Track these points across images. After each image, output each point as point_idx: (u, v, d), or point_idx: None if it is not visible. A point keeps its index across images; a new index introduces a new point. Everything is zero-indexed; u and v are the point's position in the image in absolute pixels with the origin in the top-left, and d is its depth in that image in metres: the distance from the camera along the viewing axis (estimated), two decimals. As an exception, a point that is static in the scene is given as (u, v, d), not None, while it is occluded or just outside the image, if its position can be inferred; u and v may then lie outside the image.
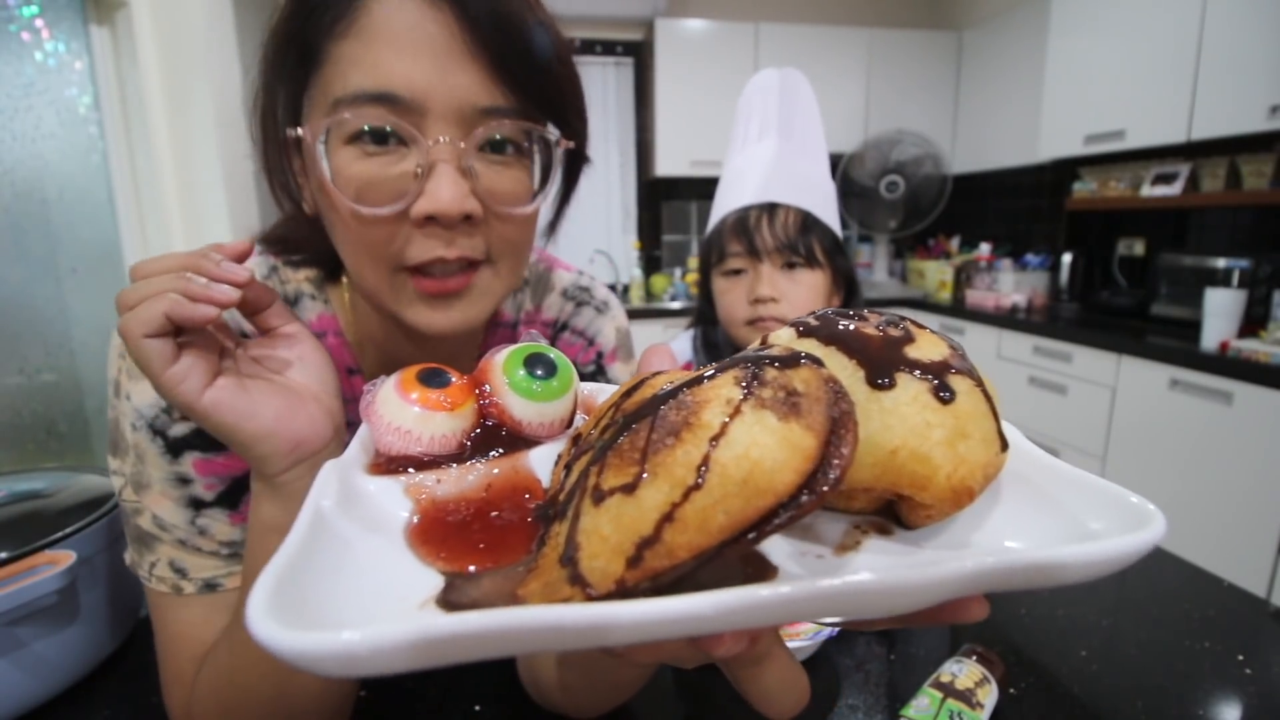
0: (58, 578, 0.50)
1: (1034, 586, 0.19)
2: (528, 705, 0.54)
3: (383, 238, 0.41)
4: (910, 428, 0.21)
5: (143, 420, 0.45)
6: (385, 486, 0.26)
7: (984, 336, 2.77)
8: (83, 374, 1.77)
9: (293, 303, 0.52)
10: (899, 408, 0.21)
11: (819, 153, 0.91)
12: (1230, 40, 2.02)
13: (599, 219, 3.62)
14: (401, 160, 0.40)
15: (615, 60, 3.48)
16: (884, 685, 0.56)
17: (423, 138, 0.39)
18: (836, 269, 0.87)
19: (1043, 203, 3.12)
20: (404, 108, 0.39)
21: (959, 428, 0.21)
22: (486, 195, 0.42)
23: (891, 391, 0.21)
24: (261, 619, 0.17)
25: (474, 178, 0.41)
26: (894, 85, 3.36)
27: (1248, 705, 0.54)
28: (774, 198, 0.84)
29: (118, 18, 1.86)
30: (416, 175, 0.40)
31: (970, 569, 0.18)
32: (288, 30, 0.41)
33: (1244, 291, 2.00)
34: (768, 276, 0.83)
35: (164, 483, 0.45)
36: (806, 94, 0.90)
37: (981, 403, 0.22)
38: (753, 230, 0.83)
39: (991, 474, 0.22)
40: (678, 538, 0.18)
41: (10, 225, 1.56)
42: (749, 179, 0.86)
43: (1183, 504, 1.98)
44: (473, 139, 0.40)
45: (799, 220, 0.83)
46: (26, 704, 0.52)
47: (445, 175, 0.39)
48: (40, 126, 1.64)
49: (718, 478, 0.18)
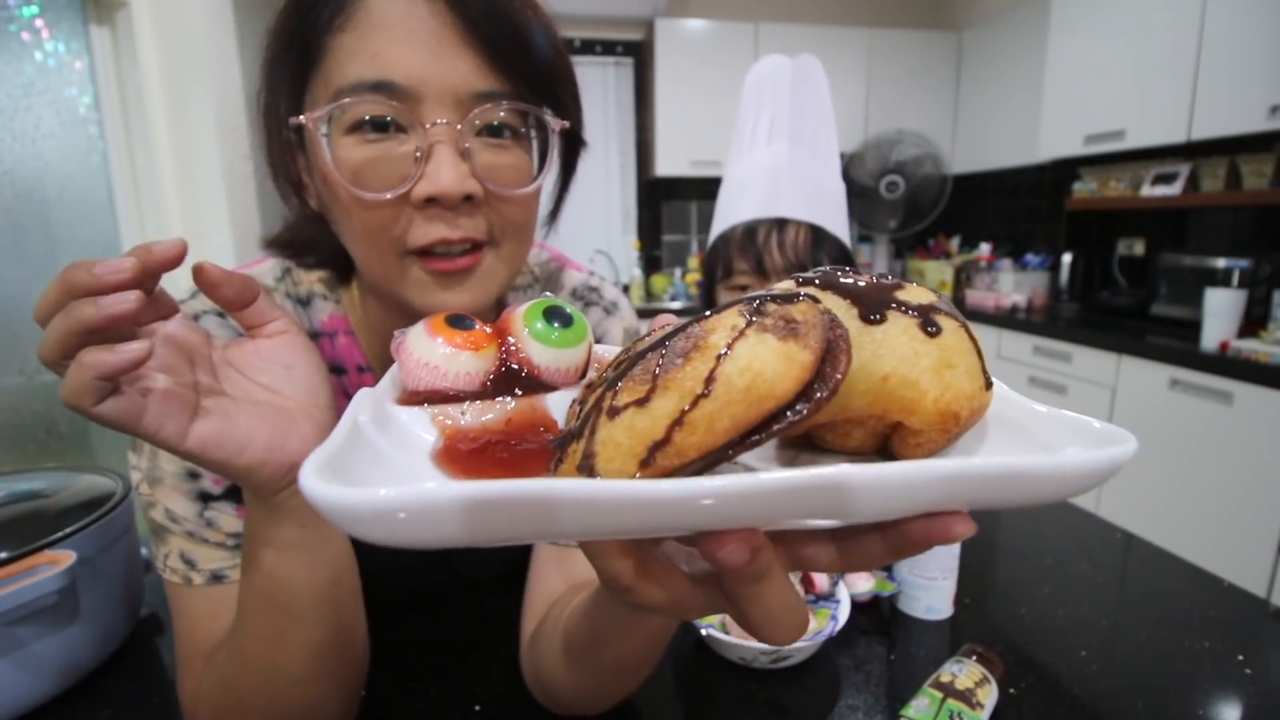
0: (58, 578, 0.50)
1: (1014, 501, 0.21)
2: (528, 705, 0.54)
3: (386, 223, 0.42)
4: (900, 356, 0.22)
5: None
6: (414, 415, 0.28)
7: (984, 336, 2.76)
8: (83, 374, 1.77)
9: (305, 303, 0.53)
10: (890, 339, 0.23)
11: (831, 152, 0.86)
12: (1230, 40, 2.02)
13: (599, 219, 3.62)
14: (401, 146, 0.41)
15: (615, 60, 3.48)
16: (884, 685, 0.56)
17: (420, 123, 0.40)
18: None
19: (1043, 203, 3.12)
20: (402, 95, 0.40)
21: (945, 358, 0.23)
22: (486, 177, 0.42)
23: (882, 325, 0.23)
24: (312, 479, 0.18)
25: (473, 160, 0.42)
26: (894, 85, 3.36)
27: (1248, 705, 0.54)
28: (784, 212, 0.80)
29: (118, 18, 1.86)
30: (416, 159, 0.40)
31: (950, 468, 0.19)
32: (287, 27, 0.42)
33: (1244, 291, 2.00)
34: None
35: (175, 477, 0.47)
36: (820, 86, 0.85)
37: (965, 340, 0.23)
38: (761, 249, 0.80)
39: (976, 407, 0.23)
40: (688, 439, 0.20)
41: (10, 225, 1.56)
42: (756, 188, 0.84)
43: (1183, 504, 1.98)
44: (470, 122, 0.41)
45: (809, 236, 0.80)
46: (26, 704, 0.52)
47: (444, 157, 0.40)
48: (40, 126, 1.64)
49: (723, 387, 0.20)
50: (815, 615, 0.58)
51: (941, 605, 0.66)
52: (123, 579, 0.61)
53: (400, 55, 0.39)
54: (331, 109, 0.40)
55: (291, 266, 0.54)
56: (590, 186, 3.59)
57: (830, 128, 0.86)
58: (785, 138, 0.84)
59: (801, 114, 0.84)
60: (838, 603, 0.60)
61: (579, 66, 0.50)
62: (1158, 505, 2.06)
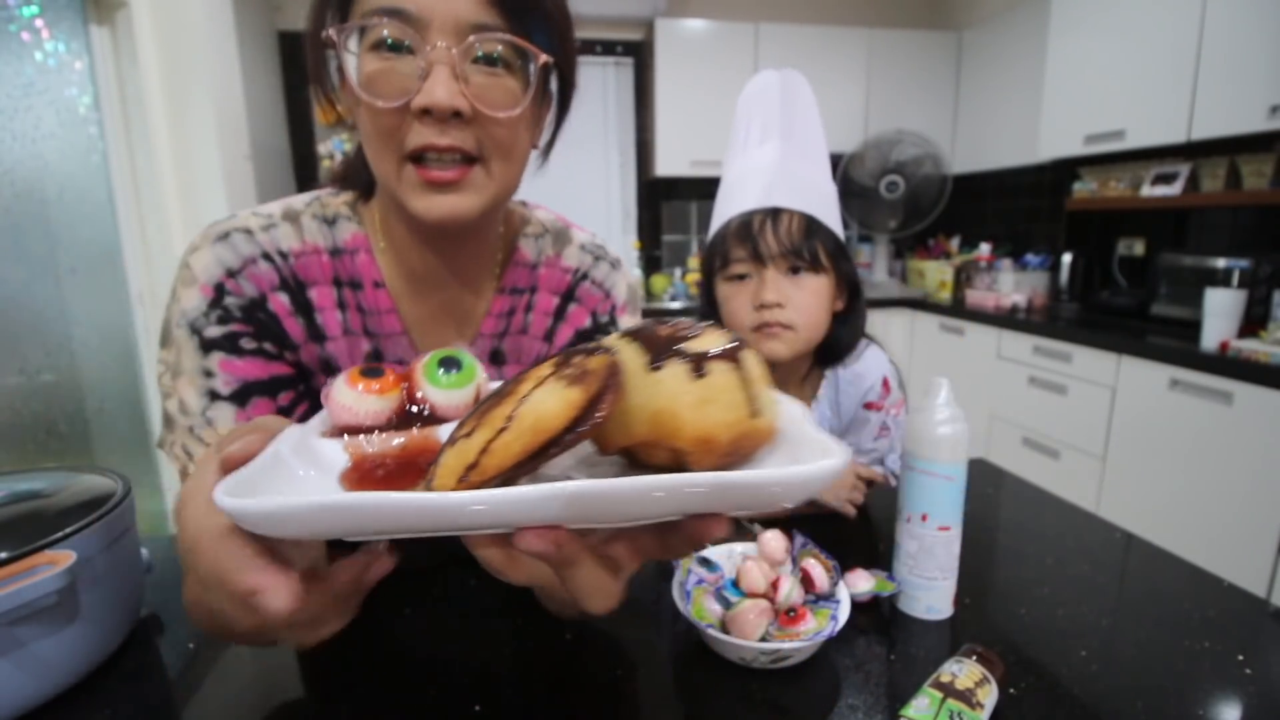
0: (58, 578, 0.50)
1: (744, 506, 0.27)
2: (528, 705, 0.54)
3: (391, 127, 0.50)
4: (669, 395, 0.28)
5: (185, 320, 0.53)
6: (330, 444, 0.36)
7: (984, 336, 2.77)
8: (83, 374, 1.77)
9: (331, 223, 0.60)
10: (664, 381, 0.29)
11: (820, 155, 0.90)
12: (1230, 40, 2.02)
13: (599, 219, 3.62)
14: (409, 64, 0.48)
15: (615, 60, 3.48)
16: (884, 685, 0.56)
17: (426, 45, 0.48)
18: (840, 272, 0.86)
19: (1043, 203, 3.12)
20: (412, 21, 0.47)
21: (706, 395, 0.28)
22: (476, 97, 0.49)
23: (660, 371, 0.29)
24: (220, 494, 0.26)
25: (466, 82, 0.49)
26: (894, 85, 3.36)
27: (1248, 705, 0.54)
28: (777, 202, 0.83)
29: (118, 18, 1.86)
30: (419, 77, 0.48)
31: (654, 482, 0.25)
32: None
33: (1244, 291, 2.00)
34: (772, 281, 0.82)
35: (193, 372, 0.53)
36: (806, 96, 0.90)
37: (733, 379, 0.29)
38: (757, 235, 0.82)
39: (738, 433, 0.29)
40: (489, 461, 0.26)
41: (10, 225, 1.56)
42: (751, 183, 0.86)
43: (1183, 504, 1.98)
44: (466, 49, 0.48)
45: (803, 224, 0.82)
46: (26, 704, 0.52)
47: (440, 75, 0.48)
48: (40, 126, 1.64)
49: (517, 423, 0.26)
50: (815, 615, 0.58)
51: (941, 605, 0.66)
52: (123, 579, 0.61)
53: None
54: (357, 25, 0.49)
55: (320, 194, 0.61)
56: (590, 186, 3.59)
57: (819, 133, 0.89)
58: (776, 137, 0.87)
59: (790, 119, 0.87)
60: (838, 603, 0.60)
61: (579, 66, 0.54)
62: (1158, 505, 2.06)
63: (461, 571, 0.71)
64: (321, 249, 0.59)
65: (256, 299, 0.55)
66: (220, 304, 0.54)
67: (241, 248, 0.55)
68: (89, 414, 1.79)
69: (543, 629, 0.65)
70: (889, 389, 0.88)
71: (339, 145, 2.72)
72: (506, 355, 0.66)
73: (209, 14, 2.07)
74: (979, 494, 0.96)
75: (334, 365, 0.60)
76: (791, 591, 0.60)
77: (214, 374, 0.53)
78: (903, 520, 0.68)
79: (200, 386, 0.53)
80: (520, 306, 0.66)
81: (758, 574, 0.62)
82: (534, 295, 0.66)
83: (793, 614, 0.58)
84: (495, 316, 0.64)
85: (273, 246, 0.56)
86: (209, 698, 0.55)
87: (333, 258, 0.59)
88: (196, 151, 2.05)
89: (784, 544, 0.67)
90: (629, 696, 0.55)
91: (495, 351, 0.66)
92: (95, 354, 1.83)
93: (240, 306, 0.54)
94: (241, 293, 0.55)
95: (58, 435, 1.67)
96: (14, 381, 1.55)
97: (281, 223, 0.58)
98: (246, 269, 0.55)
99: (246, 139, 2.31)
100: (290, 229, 0.58)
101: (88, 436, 1.78)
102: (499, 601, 0.68)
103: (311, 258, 0.58)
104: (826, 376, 0.90)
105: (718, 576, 0.65)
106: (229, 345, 0.54)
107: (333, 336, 0.59)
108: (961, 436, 0.64)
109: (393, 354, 0.62)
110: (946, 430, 0.64)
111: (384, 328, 0.61)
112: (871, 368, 0.88)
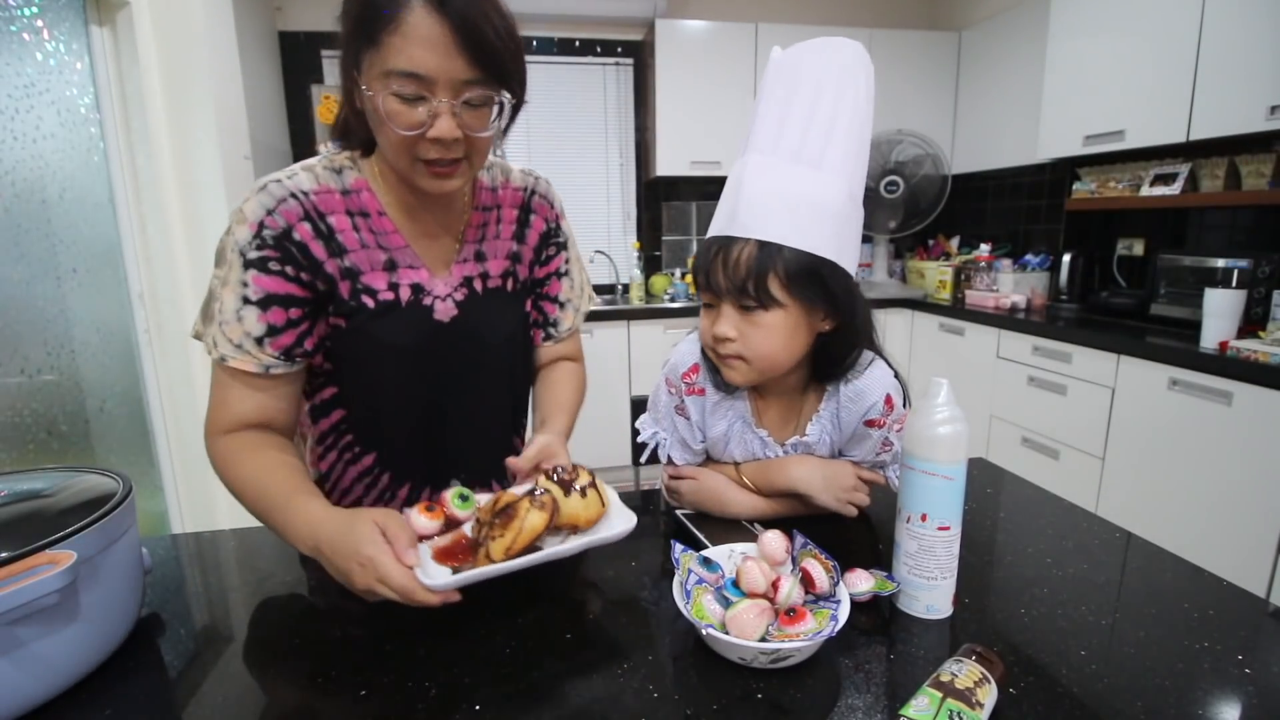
0: (58, 578, 0.50)
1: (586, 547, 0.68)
2: (528, 706, 0.54)
3: (410, 144, 0.73)
4: (570, 506, 0.69)
5: (237, 245, 0.75)
6: (422, 546, 0.66)
7: (984, 337, 2.77)
8: (83, 374, 1.77)
9: (338, 172, 0.81)
10: (570, 501, 0.70)
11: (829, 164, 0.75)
12: (1229, 40, 2.02)
13: (599, 219, 3.62)
14: (421, 106, 0.71)
15: (615, 60, 3.48)
16: (884, 685, 0.56)
17: (433, 98, 0.70)
18: (809, 300, 0.76)
19: (1042, 203, 3.12)
20: (422, 81, 0.69)
21: (584, 503, 0.70)
22: (465, 127, 0.73)
23: (569, 496, 0.70)
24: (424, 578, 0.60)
25: (458, 118, 0.72)
26: (894, 85, 3.36)
27: (1247, 705, 0.54)
28: (735, 230, 0.75)
29: (118, 18, 1.86)
30: (430, 117, 0.71)
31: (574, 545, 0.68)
32: (361, 23, 0.70)
33: (1243, 291, 2.00)
34: (726, 316, 0.77)
35: (235, 283, 0.75)
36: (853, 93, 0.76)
37: (594, 492, 0.71)
38: (709, 270, 0.77)
39: (596, 515, 0.71)
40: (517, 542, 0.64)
41: (10, 225, 1.56)
42: (727, 199, 0.79)
43: (1183, 504, 1.98)
44: (460, 98, 0.71)
45: (753, 259, 0.74)
46: (27, 704, 0.52)
47: (445, 119, 0.71)
48: (40, 126, 1.64)
49: (525, 529, 0.65)
50: (815, 615, 0.58)
51: (941, 605, 0.66)
52: (123, 579, 0.61)
53: (424, 57, 0.68)
54: (385, 84, 0.69)
55: (326, 154, 0.83)
56: (590, 186, 3.59)
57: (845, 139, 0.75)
58: (755, 148, 0.77)
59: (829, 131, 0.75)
60: (838, 603, 0.60)
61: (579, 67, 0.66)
62: (1157, 505, 2.07)
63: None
64: (334, 189, 0.80)
65: (285, 229, 0.76)
66: (259, 235, 0.75)
67: (275, 191, 0.76)
68: (89, 414, 1.79)
69: (543, 628, 0.65)
70: (893, 406, 0.82)
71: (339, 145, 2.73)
72: (486, 254, 0.91)
73: (209, 14, 2.07)
74: (979, 494, 0.96)
75: (357, 271, 0.81)
76: (791, 591, 0.60)
77: (248, 285, 0.75)
78: (902, 520, 0.68)
79: (237, 294, 0.75)
80: (491, 220, 0.92)
81: (758, 574, 0.62)
82: (500, 210, 0.93)
83: (792, 614, 0.58)
84: (474, 228, 0.90)
85: (296, 188, 0.77)
86: (209, 698, 0.55)
87: (343, 196, 0.81)
88: (196, 151, 2.05)
89: (784, 544, 0.67)
90: (629, 696, 0.55)
91: (478, 252, 0.90)
92: (96, 354, 1.83)
93: (273, 237, 0.75)
94: (275, 226, 0.75)
95: (58, 435, 1.67)
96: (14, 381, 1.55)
97: (301, 173, 0.79)
98: (279, 207, 0.76)
99: (246, 139, 2.31)
100: (308, 175, 0.79)
101: (88, 436, 1.78)
102: (500, 601, 0.68)
103: (326, 195, 0.79)
104: (828, 391, 0.85)
105: (718, 576, 0.65)
106: (260, 265, 0.75)
107: (352, 249, 0.80)
108: (961, 436, 0.64)
109: (403, 261, 0.84)
110: (946, 430, 0.64)
111: (392, 244, 0.83)
112: (874, 385, 0.82)
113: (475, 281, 0.89)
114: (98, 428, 1.81)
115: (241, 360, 0.75)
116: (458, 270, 0.88)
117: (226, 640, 0.64)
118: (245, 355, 0.75)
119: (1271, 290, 2.06)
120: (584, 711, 0.53)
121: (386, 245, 0.82)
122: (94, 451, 1.80)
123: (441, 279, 0.86)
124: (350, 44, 0.73)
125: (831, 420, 0.85)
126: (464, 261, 0.88)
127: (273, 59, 3.12)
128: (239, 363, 0.75)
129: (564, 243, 1.00)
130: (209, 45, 2.05)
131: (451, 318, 0.86)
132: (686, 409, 0.87)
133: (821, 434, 0.86)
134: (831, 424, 0.86)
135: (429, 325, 0.85)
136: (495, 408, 0.95)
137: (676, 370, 0.87)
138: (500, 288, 0.91)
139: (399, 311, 0.82)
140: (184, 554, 0.83)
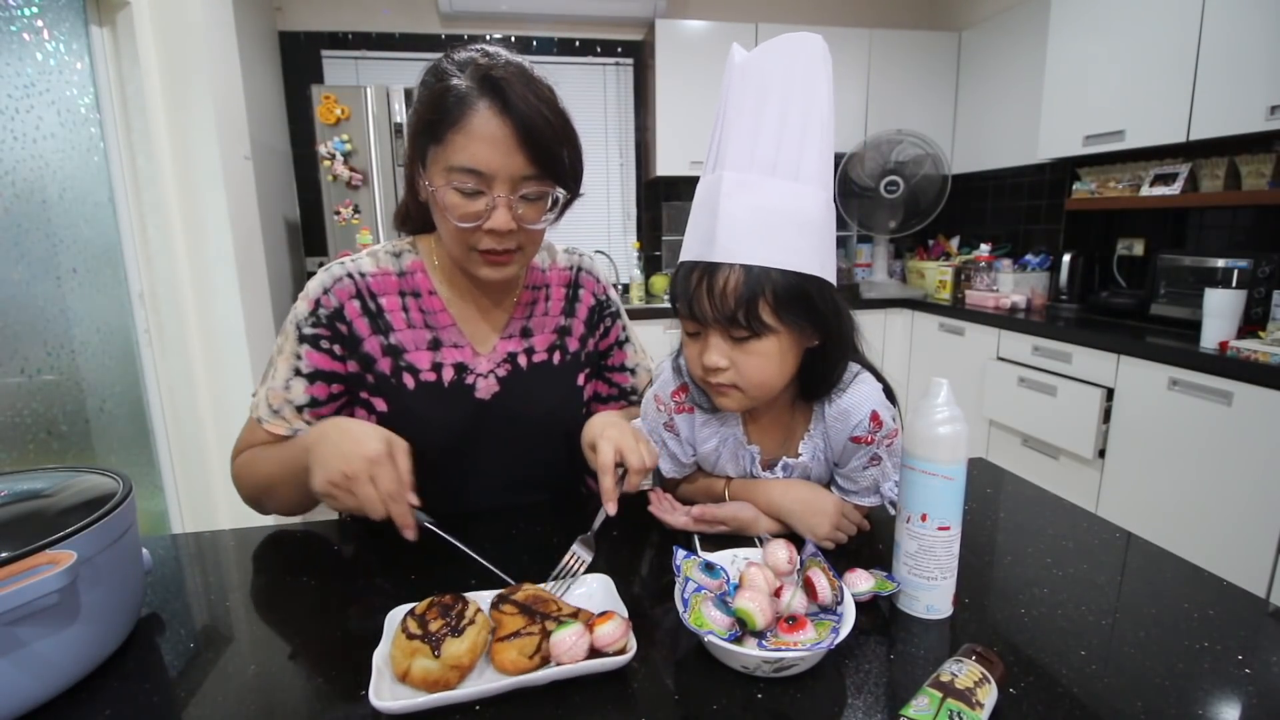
0: (58, 578, 0.50)
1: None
2: (528, 705, 0.54)
3: (467, 235, 0.79)
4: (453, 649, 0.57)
5: (295, 319, 0.85)
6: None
7: (983, 336, 2.77)
8: (83, 374, 1.77)
9: (397, 255, 0.90)
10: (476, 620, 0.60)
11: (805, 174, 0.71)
12: (1229, 40, 2.02)
13: (599, 219, 3.62)
14: (480, 200, 0.77)
15: (615, 60, 3.48)
16: (884, 685, 0.56)
17: (490, 192, 0.76)
18: (798, 325, 0.72)
19: (1042, 203, 3.12)
20: (482, 177, 0.75)
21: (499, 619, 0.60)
22: (521, 220, 0.79)
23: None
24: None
25: (516, 211, 0.78)
26: (894, 85, 3.37)
27: (1247, 705, 0.54)
28: (717, 255, 0.70)
29: (118, 18, 1.86)
30: (488, 209, 0.77)
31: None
32: (428, 123, 0.77)
33: (1243, 292, 2.00)
34: (715, 346, 0.72)
35: (290, 355, 0.85)
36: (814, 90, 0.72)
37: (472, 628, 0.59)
38: (693, 298, 0.71)
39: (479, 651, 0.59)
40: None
41: (10, 225, 1.56)
42: (702, 219, 0.73)
43: (1182, 504, 1.99)
44: (518, 193, 0.78)
45: (740, 285, 0.69)
46: (26, 704, 0.52)
47: (501, 212, 0.77)
48: (40, 126, 1.64)
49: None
50: (817, 627, 0.58)
51: (941, 605, 0.66)
52: (123, 579, 0.61)
53: (485, 155, 0.74)
54: (446, 179, 0.76)
55: (390, 241, 0.92)
56: (590, 186, 3.58)
57: (819, 142, 0.72)
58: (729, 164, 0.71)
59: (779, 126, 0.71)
60: (840, 616, 0.59)
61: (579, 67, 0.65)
62: (1157, 505, 2.07)
63: (461, 573, 0.71)
64: (390, 272, 0.89)
65: (338, 308, 0.85)
66: (315, 313, 0.85)
67: (335, 271, 0.86)
68: (89, 414, 1.79)
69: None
70: (880, 422, 0.78)
71: (339, 145, 2.73)
72: (532, 329, 0.96)
73: (209, 14, 2.07)
74: (979, 494, 0.96)
75: (401, 349, 0.87)
76: (793, 599, 0.60)
77: (301, 358, 0.85)
78: (902, 520, 0.68)
79: (290, 364, 0.85)
80: (540, 298, 0.98)
81: (761, 580, 0.61)
82: (549, 289, 0.99)
83: (793, 622, 0.57)
84: (523, 305, 0.96)
85: (356, 270, 0.87)
86: (209, 698, 0.55)
87: (399, 278, 0.89)
88: (196, 151, 2.05)
89: (789, 554, 0.66)
90: (630, 698, 0.55)
91: (524, 329, 0.95)
92: (96, 354, 1.83)
93: (326, 315, 0.85)
94: (329, 305, 0.85)
95: (58, 435, 1.67)
96: (14, 381, 1.55)
97: (365, 257, 0.88)
98: (335, 286, 0.85)
99: (246, 139, 2.31)
100: (370, 259, 0.88)
101: (88, 436, 1.78)
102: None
103: (383, 277, 0.88)
104: (815, 409, 0.82)
105: (720, 582, 0.64)
106: (313, 342, 0.85)
107: (399, 329, 0.87)
108: (961, 436, 0.64)
109: (447, 340, 0.90)
110: (946, 430, 0.64)
111: (439, 322, 0.90)
112: (858, 402, 0.78)
113: (520, 357, 0.93)
114: (98, 428, 1.81)
115: (275, 425, 0.85)
116: (502, 346, 0.92)
117: (226, 640, 0.64)
118: (280, 421, 0.85)
119: (1271, 290, 2.06)
120: (584, 713, 0.53)
121: (434, 324, 0.89)
122: (94, 451, 1.80)
123: (485, 356, 0.91)
124: (417, 139, 0.79)
125: (823, 438, 0.83)
126: (509, 337, 0.93)
127: (273, 59, 3.12)
128: (272, 426, 0.85)
129: (616, 312, 1.05)
130: (209, 45, 2.05)
131: (493, 394, 0.90)
132: (676, 425, 0.86)
133: (815, 452, 0.83)
134: (823, 441, 0.84)
135: (470, 404, 0.89)
136: (533, 474, 0.95)
137: (665, 388, 0.85)
138: (546, 361, 0.95)
139: (441, 392, 0.88)
140: (184, 554, 0.83)
